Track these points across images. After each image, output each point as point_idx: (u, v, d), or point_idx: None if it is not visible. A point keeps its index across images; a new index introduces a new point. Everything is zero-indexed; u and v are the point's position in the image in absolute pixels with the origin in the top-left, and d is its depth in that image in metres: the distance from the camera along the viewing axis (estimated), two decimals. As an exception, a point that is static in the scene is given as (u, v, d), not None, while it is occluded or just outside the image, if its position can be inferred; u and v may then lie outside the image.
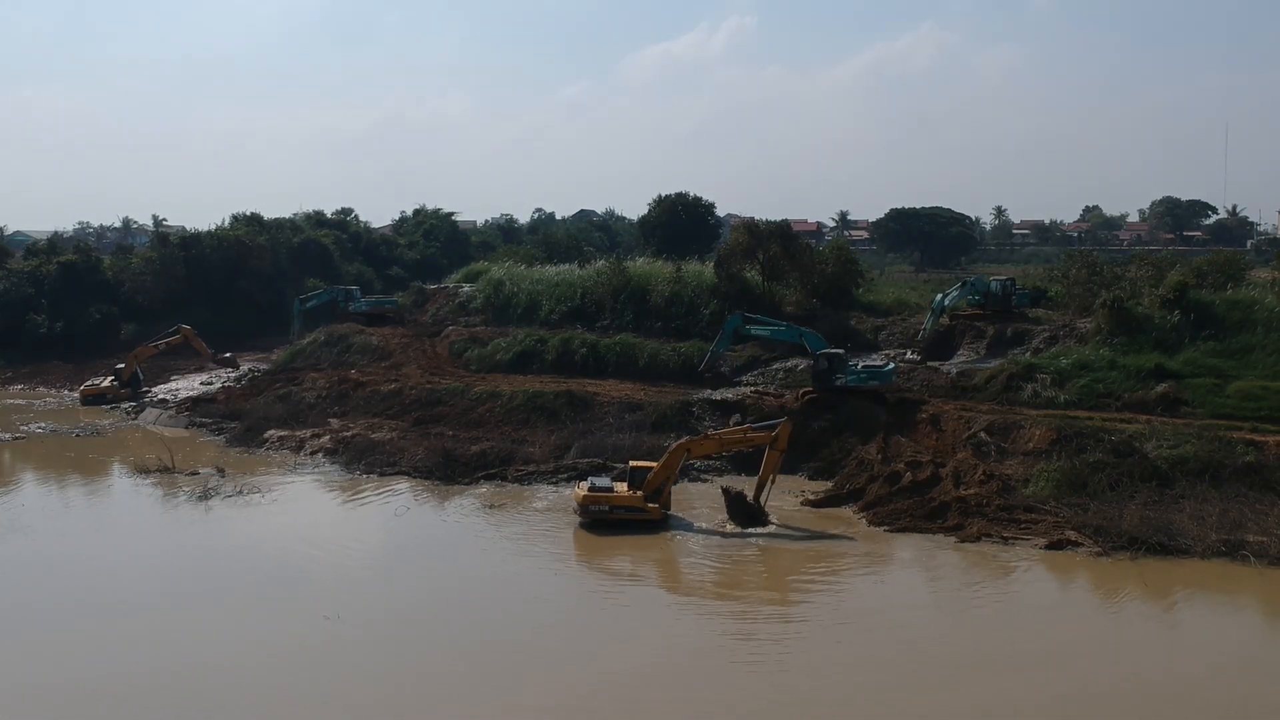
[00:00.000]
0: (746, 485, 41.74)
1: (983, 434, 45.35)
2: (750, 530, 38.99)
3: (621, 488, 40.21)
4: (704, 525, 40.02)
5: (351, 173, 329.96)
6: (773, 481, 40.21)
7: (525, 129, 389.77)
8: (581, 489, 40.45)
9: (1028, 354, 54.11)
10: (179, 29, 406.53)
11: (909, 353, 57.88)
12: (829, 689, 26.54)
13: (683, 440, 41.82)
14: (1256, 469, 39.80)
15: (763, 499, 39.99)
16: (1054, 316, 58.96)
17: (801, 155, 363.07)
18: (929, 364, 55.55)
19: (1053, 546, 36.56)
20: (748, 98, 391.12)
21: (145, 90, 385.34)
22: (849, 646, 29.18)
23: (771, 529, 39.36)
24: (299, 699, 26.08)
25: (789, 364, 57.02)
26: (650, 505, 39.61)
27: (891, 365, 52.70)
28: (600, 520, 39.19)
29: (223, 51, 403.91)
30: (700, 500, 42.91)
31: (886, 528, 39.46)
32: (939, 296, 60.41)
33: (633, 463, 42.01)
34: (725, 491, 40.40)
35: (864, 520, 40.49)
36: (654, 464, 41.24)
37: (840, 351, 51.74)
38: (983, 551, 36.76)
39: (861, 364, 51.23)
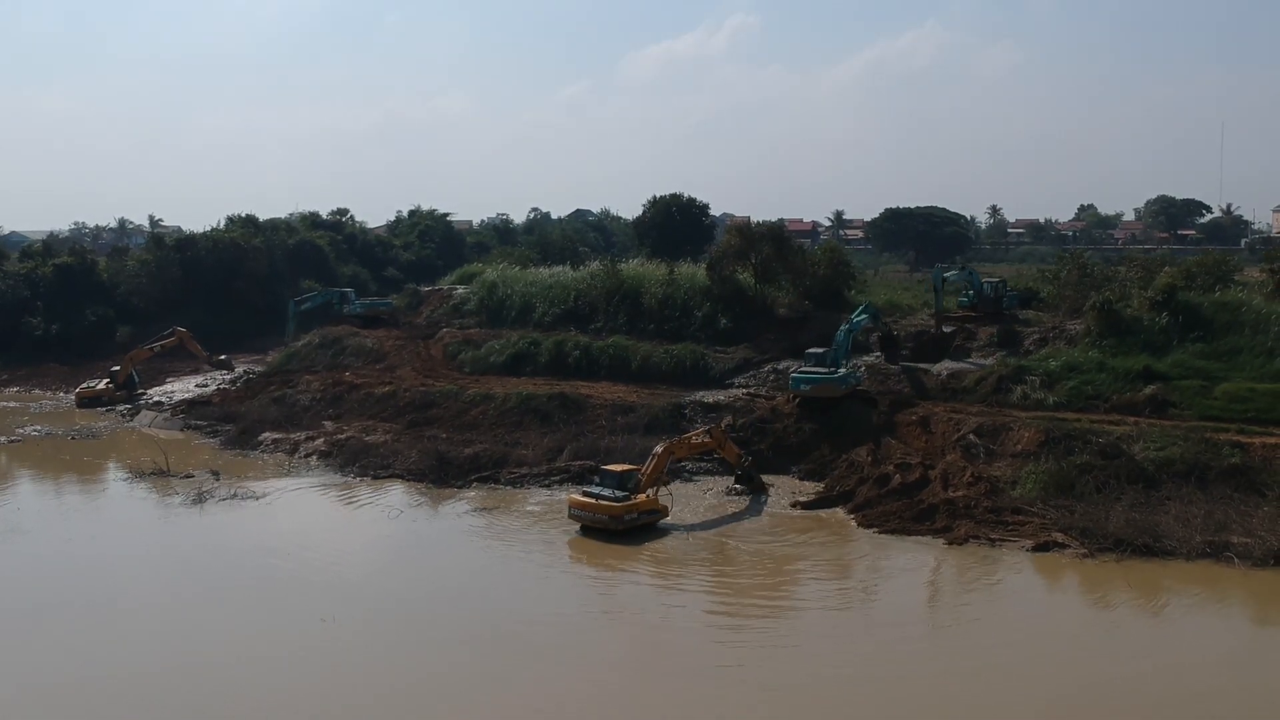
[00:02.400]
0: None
1: (972, 436, 45.69)
2: (747, 491, 44.50)
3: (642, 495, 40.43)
4: (692, 526, 40.40)
5: (349, 172, 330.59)
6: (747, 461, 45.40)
7: (525, 128, 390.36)
8: (596, 499, 39.84)
9: (1018, 356, 54.41)
10: (178, 29, 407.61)
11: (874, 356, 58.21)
12: (822, 692, 26.79)
13: (667, 444, 42.41)
14: (1242, 470, 40.17)
15: (752, 473, 45.10)
16: (1044, 318, 59.31)
17: (798, 154, 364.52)
18: (920, 366, 55.79)
19: (1039, 548, 36.88)
20: (747, 97, 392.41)
21: (143, 90, 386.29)
22: (841, 649, 29.50)
23: (764, 521, 39.99)
24: (294, 700, 26.34)
25: (780, 365, 57.36)
26: (660, 505, 40.62)
27: (841, 374, 51.99)
28: (629, 527, 39.19)
29: (222, 51, 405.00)
30: (680, 501, 43.30)
31: (876, 529, 39.76)
32: (938, 267, 61.40)
33: (605, 466, 42.37)
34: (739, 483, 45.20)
35: (854, 522, 40.82)
36: (628, 466, 41.76)
37: (823, 351, 51.97)
38: (970, 553, 37.09)
39: (802, 369, 51.09)
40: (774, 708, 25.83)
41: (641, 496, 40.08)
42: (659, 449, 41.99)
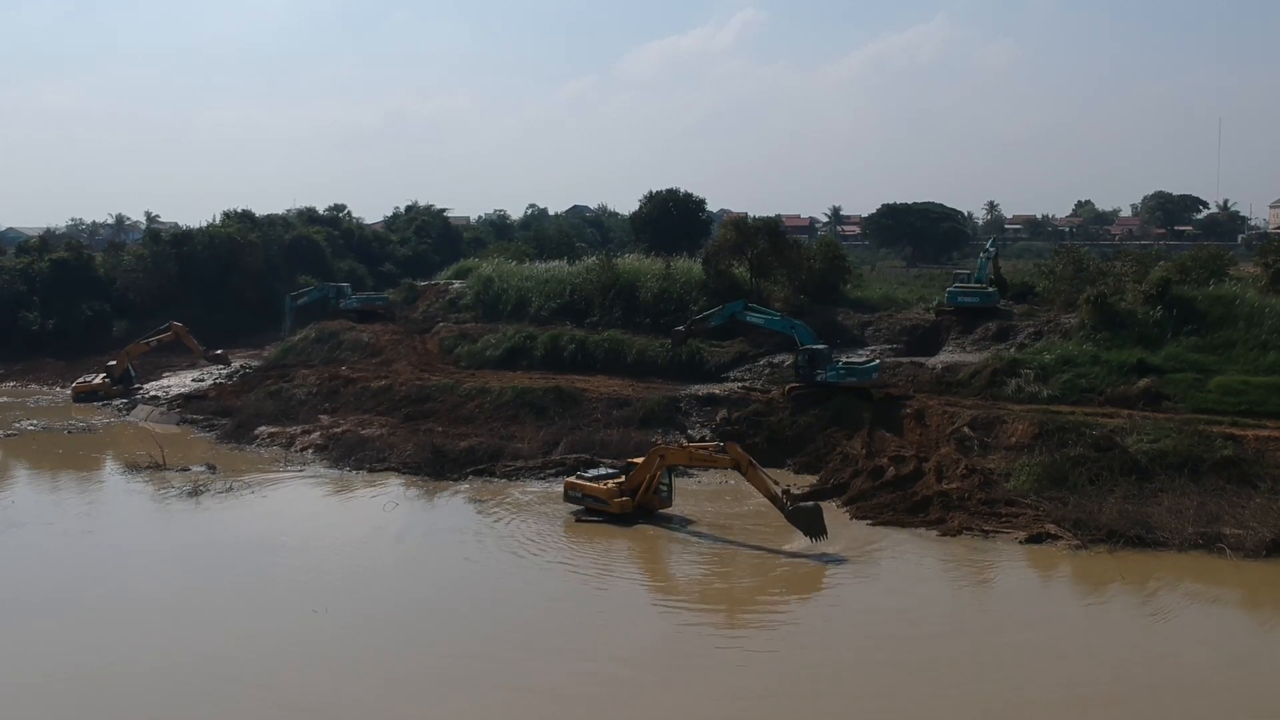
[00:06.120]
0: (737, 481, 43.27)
1: (966, 429, 45.77)
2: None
3: (611, 483, 40.85)
4: (694, 523, 40.49)
5: (349, 169, 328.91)
6: (775, 483, 38.21)
7: (526, 124, 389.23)
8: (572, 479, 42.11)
9: (1012, 349, 54.51)
10: (180, 25, 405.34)
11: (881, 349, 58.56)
12: (819, 687, 26.83)
13: (658, 446, 41.72)
14: (1234, 463, 40.20)
15: (785, 500, 37.68)
16: (1039, 312, 59.47)
17: (797, 150, 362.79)
18: (915, 359, 55.95)
19: (1032, 540, 36.99)
20: (748, 93, 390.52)
21: (143, 85, 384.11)
22: (837, 644, 29.62)
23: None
24: (286, 692, 26.37)
25: (776, 359, 57.46)
26: (617, 500, 40.07)
27: (876, 362, 53.13)
28: (577, 505, 40.98)
29: (224, 47, 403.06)
30: (689, 499, 43.31)
31: (870, 522, 39.85)
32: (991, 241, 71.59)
33: (631, 460, 42.41)
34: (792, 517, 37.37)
35: (848, 514, 40.92)
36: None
37: (823, 347, 52.15)
38: (964, 545, 37.22)
39: (843, 360, 51.72)
40: (773, 705, 25.89)
41: (599, 486, 40.68)
42: (651, 450, 41.28)
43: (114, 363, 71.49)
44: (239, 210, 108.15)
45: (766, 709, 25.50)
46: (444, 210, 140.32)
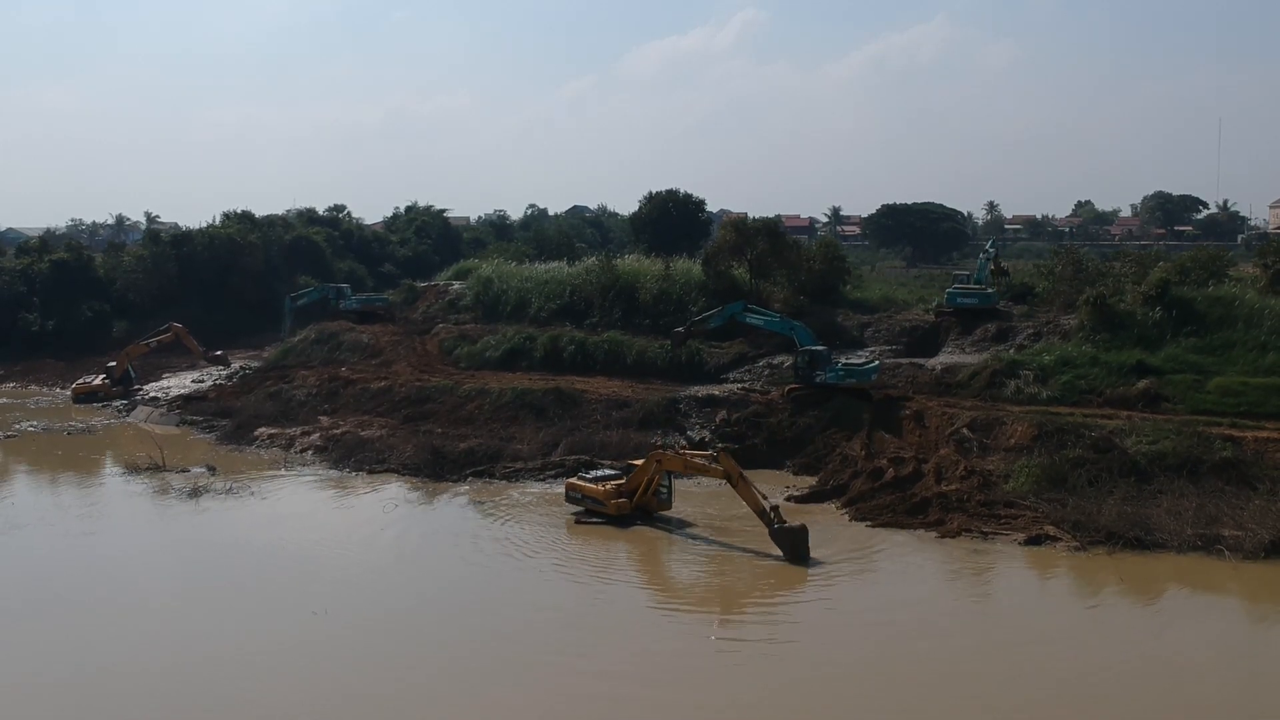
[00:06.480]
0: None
1: (965, 430, 45.81)
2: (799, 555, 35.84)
3: (610, 485, 40.91)
4: (693, 525, 40.49)
5: (350, 169, 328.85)
6: (764, 498, 37.12)
7: (526, 124, 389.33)
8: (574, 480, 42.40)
9: (1012, 350, 54.51)
10: (180, 25, 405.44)
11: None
12: (821, 689, 26.83)
13: (655, 452, 41.20)
14: (1234, 464, 40.27)
15: (773, 516, 36.24)
16: (1039, 313, 59.47)
17: (797, 151, 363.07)
18: (914, 360, 55.98)
19: (1031, 541, 37.04)
20: (750, 93, 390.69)
21: (144, 86, 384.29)
22: (837, 646, 29.65)
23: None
24: (286, 693, 26.41)
25: (775, 360, 57.46)
26: (613, 501, 40.10)
27: (875, 363, 53.19)
28: (578, 505, 41.18)
29: (224, 47, 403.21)
30: (689, 500, 43.31)
31: (869, 523, 39.88)
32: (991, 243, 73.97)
33: (631, 462, 42.43)
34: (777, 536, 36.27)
35: (847, 516, 40.97)
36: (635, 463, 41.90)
37: (822, 348, 52.21)
38: (963, 546, 37.23)
39: (842, 361, 51.83)
40: (772, 711, 25.86)
41: (597, 487, 40.79)
42: (648, 456, 41.08)
43: (114, 364, 71.60)
44: (239, 211, 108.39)
45: (766, 714, 25.50)
46: (444, 210, 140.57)
